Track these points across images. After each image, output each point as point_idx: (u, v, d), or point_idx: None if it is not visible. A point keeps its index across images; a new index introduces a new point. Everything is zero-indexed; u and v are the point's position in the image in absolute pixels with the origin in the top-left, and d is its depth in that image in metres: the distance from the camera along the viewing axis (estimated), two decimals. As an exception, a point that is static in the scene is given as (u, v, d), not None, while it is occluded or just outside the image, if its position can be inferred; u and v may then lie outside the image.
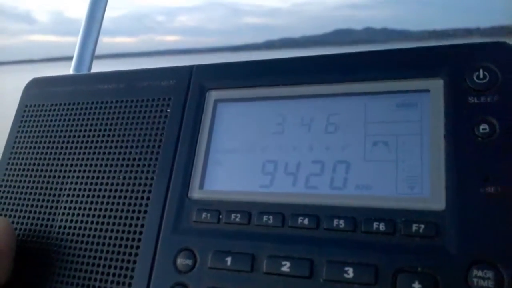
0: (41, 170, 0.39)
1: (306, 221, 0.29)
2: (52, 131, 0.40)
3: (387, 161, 0.29)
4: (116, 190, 0.35)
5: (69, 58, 0.55)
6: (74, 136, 0.39)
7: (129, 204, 0.34)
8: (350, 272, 0.26)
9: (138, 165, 0.35)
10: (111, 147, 0.37)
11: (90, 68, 0.54)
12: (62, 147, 0.39)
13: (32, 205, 0.38)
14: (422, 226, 0.26)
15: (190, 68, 0.37)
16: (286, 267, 0.28)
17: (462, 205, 0.26)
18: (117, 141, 0.37)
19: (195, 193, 0.33)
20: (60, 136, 0.40)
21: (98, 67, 0.54)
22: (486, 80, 0.28)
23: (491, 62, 0.28)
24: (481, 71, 0.28)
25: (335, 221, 0.28)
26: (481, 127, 0.27)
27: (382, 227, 0.27)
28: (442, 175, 0.27)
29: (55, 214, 0.37)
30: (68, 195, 0.37)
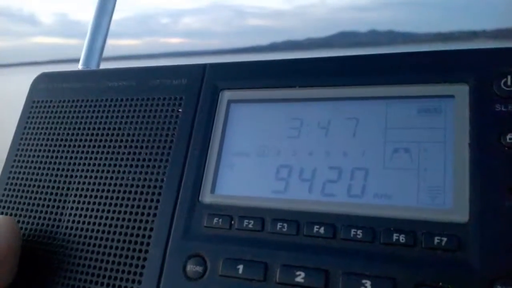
0: (48, 169, 0.38)
1: (322, 230, 0.28)
2: (60, 128, 0.39)
3: (408, 169, 0.28)
4: (124, 192, 0.34)
5: (74, 60, 0.54)
6: (82, 135, 0.38)
7: (138, 207, 0.33)
8: (367, 285, 0.25)
9: (148, 166, 0.34)
10: (120, 147, 0.36)
11: (99, 64, 0.53)
12: (69, 146, 0.38)
13: (38, 205, 0.37)
14: (444, 239, 0.25)
15: (203, 67, 0.36)
16: (300, 277, 0.27)
17: (487, 218, 0.25)
18: (127, 141, 0.36)
19: (207, 197, 0.32)
20: (68, 134, 0.39)
21: (103, 69, 0.53)
22: None
23: None
24: (509, 77, 0.27)
25: (353, 231, 0.27)
26: (508, 136, 0.26)
27: (402, 238, 0.26)
28: (466, 185, 0.26)
29: (61, 214, 0.36)
30: (75, 195, 0.36)
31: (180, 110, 0.35)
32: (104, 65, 0.53)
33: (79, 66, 0.52)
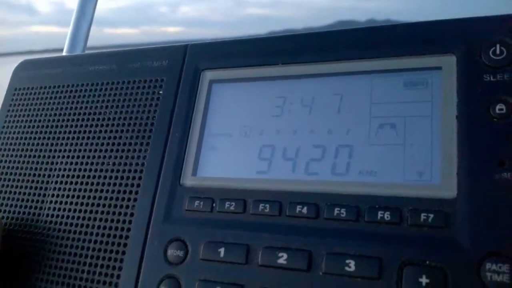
0: (29, 156, 0.37)
1: (305, 210, 0.27)
2: (41, 115, 0.38)
3: (394, 144, 0.27)
4: (105, 177, 0.33)
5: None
6: (63, 120, 0.37)
7: (119, 192, 0.32)
8: (351, 265, 0.24)
9: (129, 150, 0.33)
10: (100, 131, 0.35)
11: (84, 49, 0.52)
12: (51, 132, 0.37)
13: (19, 193, 0.36)
14: (431, 215, 0.24)
15: (184, 47, 0.35)
16: (283, 259, 0.26)
17: (475, 193, 0.24)
18: (107, 125, 0.35)
19: (188, 180, 0.31)
20: (49, 120, 0.38)
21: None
22: (503, 56, 0.26)
23: (508, 36, 0.26)
24: (497, 46, 0.26)
25: (336, 210, 0.26)
26: (497, 107, 0.25)
27: (387, 216, 0.25)
28: (453, 160, 0.25)
29: (43, 202, 0.35)
30: (57, 182, 0.35)
31: (161, 92, 0.34)
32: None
33: (64, 53, 0.51)
